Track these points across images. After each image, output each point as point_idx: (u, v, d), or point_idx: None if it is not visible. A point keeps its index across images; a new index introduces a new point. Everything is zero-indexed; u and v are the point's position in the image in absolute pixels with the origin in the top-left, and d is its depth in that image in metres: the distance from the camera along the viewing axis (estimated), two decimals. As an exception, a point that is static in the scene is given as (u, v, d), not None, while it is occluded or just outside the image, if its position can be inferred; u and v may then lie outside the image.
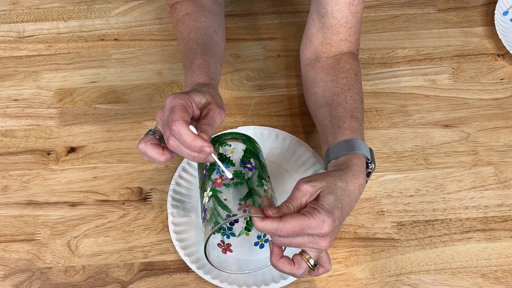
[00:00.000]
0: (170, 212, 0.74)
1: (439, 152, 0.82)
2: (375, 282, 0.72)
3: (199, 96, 0.61)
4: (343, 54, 0.75)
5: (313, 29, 0.76)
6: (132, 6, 0.97)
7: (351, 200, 0.61)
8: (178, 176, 0.77)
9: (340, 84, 0.72)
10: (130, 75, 0.89)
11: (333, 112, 0.71)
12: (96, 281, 0.72)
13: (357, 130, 0.68)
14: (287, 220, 0.55)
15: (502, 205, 0.77)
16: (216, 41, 0.75)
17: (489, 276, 0.72)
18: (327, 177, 0.60)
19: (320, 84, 0.75)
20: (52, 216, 0.77)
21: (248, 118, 0.85)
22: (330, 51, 0.76)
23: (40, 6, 0.97)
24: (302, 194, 0.58)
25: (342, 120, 0.69)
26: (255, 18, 0.95)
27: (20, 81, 0.89)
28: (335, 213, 0.57)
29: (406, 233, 0.75)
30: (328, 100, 0.72)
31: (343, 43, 0.75)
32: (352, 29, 0.74)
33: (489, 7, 0.96)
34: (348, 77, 0.73)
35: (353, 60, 0.75)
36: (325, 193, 0.58)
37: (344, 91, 0.72)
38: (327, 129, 0.70)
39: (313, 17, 0.76)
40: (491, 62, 0.90)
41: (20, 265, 0.73)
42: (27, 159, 0.81)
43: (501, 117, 0.85)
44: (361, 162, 0.64)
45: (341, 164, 0.64)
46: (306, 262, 0.59)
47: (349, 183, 0.61)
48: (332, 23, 0.74)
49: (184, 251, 0.71)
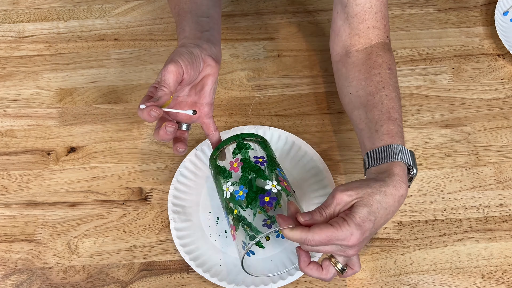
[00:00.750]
0: (171, 217, 0.74)
1: (439, 152, 0.82)
2: (375, 282, 0.72)
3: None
4: (374, 46, 0.72)
5: (339, 21, 0.73)
6: (132, 6, 0.97)
7: (387, 213, 0.60)
8: (176, 181, 0.77)
9: (374, 82, 0.69)
10: (130, 75, 0.89)
11: (369, 114, 0.68)
12: (96, 281, 0.72)
13: (396, 134, 0.65)
14: (315, 231, 0.56)
15: (502, 205, 0.77)
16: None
17: (489, 276, 0.72)
18: (365, 188, 0.59)
19: (353, 83, 0.72)
20: (52, 216, 0.77)
21: (248, 118, 0.85)
22: (359, 43, 0.73)
23: (40, 6, 0.97)
24: (337, 203, 0.58)
25: (379, 124, 0.66)
26: (255, 18, 0.95)
27: (20, 81, 0.89)
28: (365, 226, 0.57)
29: (406, 233, 0.75)
30: (363, 100, 0.70)
31: (371, 31, 0.72)
32: (378, 14, 0.71)
33: (489, 7, 0.96)
34: (382, 72, 0.70)
35: (384, 52, 0.72)
36: (359, 205, 0.57)
37: (378, 90, 0.69)
38: (364, 133, 0.68)
39: (337, 9, 0.73)
40: (491, 62, 0.90)
41: (20, 265, 0.73)
42: (27, 159, 0.81)
43: (501, 117, 0.85)
44: (403, 171, 0.62)
45: (382, 172, 0.62)
46: (334, 267, 0.60)
47: (388, 196, 0.59)
48: (356, 11, 0.71)
49: (189, 256, 0.71)
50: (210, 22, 0.72)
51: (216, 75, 0.67)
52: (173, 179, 0.77)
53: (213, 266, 0.71)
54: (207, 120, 0.69)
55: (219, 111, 0.85)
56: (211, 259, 0.72)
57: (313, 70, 0.89)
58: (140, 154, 0.82)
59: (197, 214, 0.76)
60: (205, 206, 0.76)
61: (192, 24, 0.71)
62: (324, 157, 0.80)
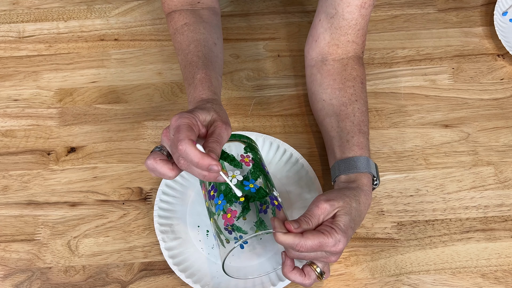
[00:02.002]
0: (160, 238, 0.72)
1: (439, 152, 0.82)
2: (375, 282, 0.72)
3: (204, 113, 0.60)
4: (350, 58, 0.76)
5: (320, 29, 0.76)
6: (132, 6, 0.97)
7: (360, 220, 0.66)
8: (159, 200, 0.75)
9: (348, 94, 0.74)
10: (130, 75, 0.89)
11: (341, 124, 0.73)
12: (96, 281, 0.72)
13: (365, 146, 0.71)
14: (308, 237, 0.59)
15: (502, 205, 0.77)
16: (216, 54, 0.74)
17: (489, 276, 0.72)
18: (343, 197, 0.63)
19: (328, 91, 0.75)
20: (52, 216, 0.77)
21: (248, 118, 0.85)
22: (336, 53, 0.76)
23: (40, 6, 0.97)
24: (321, 212, 0.62)
25: (350, 135, 0.71)
26: (255, 18, 0.95)
27: (20, 81, 0.89)
28: (349, 233, 0.61)
29: (406, 233, 0.75)
30: (336, 109, 0.74)
31: (350, 44, 0.75)
32: (360, 31, 0.75)
33: (489, 7, 0.96)
34: (355, 86, 0.75)
35: (359, 66, 0.76)
36: (341, 213, 0.62)
37: (351, 102, 0.73)
38: (334, 141, 0.73)
39: (321, 17, 0.76)
40: (491, 62, 0.90)
41: (20, 265, 0.73)
42: (27, 159, 0.81)
43: (501, 117, 0.85)
44: (369, 181, 0.68)
45: (351, 181, 0.68)
46: (314, 272, 0.63)
47: (361, 204, 0.65)
48: (341, 24, 0.74)
49: (185, 274, 0.70)
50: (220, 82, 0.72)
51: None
52: (156, 199, 0.75)
53: (211, 280, 0.70)
54: None
55: (219, 111, 0.85)
56: (207, 273, 0.71)
57: (313, 70, 0.89)
58: (140, 154, 0.82)
59: (185, 231, 0.74)
60: (193, 221, 0.75)
61: (215, 81, 0.69)
62: (323, 158, 0.80)
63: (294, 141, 0.82)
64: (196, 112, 0.59)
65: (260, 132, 0.83)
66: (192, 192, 0.77)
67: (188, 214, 0.75)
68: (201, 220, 0.75)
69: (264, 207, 0.64)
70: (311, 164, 0.79)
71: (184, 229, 0.74)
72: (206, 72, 0.69)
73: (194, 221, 0.75)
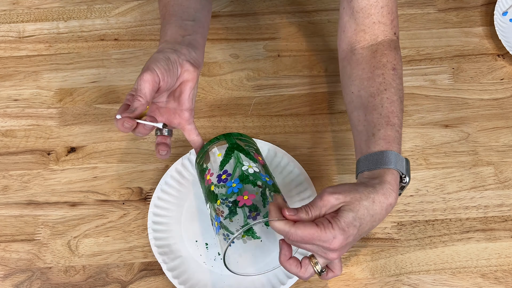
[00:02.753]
0: (161, 260, 0.71)
1: (439, 152, 0.82)
2: (375, 282, 0.72)
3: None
4: (379, 43, 0.70)
5: (345, 17, 0.72)
6: (132, 6, 0.97)
7: (373, 220, 0.59)
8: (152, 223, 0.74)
9: (376, 83, 0.68)
10: (130, 75, 0.89)
11: (368, 116, 0.67)
12: (96, 281, 0.72)
13: (393, 140, 0.64)
14: (299, 227, 0.55)
15: (502, 205, 0.77)
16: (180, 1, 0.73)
17: (489, 276, 0.72)
18: (353, 192, 0.58)
19: (356, 82, 0.70)
20: (52, 216, 0.77)
21: (248, 118, 0.85)
22: (365, 40, 0.71)
23: (40, 6, 0.97)
24: (323, 204, 0.57)
25: (377, 128, 0.65)
26: (255, 18, 0.95)
27: (20, 81, 0.89)
28: (349, 231, 0.56)
29: (406, 233, 0.75)
30: (364, 101, 0.68)
31: (377, 26, 0.70)
32: (384, 9, 0.69)
33: (489, 7, 0.96)
34: (385, 73, 0.68)
35: (390, 51, 0.70)
36: (345, 209, 0.57)
37: (380, 91, 0.67)
38: (361, 135, 0.67)
39: (343, 4, 0.71)
40: (491, 62, 0.90)
41: (20, 265, 0.73)
42: (27, 159, 0.81)
43: (501, 117, 0.85)
44: (395, 179, 0.61)
45: (374, 177, 0.61)
46: (313, 267, 0.59)
47: (376, 203, 0.58)
48: (361, 5, 0.69)
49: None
50: (195, 25, 0.71)
51: (195, 80, 0.66)
52: (148, 221, 0.74)
53: None
54: (188, 126, 0.68)
55: (219, 111, 0.85)
56: (215, 286, 0.70)
57: (313, 70, 0.89)
58: (140, 154, 0.82)
59: (185, 249, 0.73)
60: (189, 236, 0.74)
61: (174, 28, 0.70)
62: (323, 157, 0.80)
63: (294, 141, 0.82)
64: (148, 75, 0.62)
65: (260, 132, 0.83)
66: (182, 209, 0.76)
67: (183, 231, 0.75)
68: (198, 235, 0.74)
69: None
70: (311, 164, 0.79)
71: (183, 247, 0.73)
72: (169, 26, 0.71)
73: (190, 236, 0.74)
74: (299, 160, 0.80)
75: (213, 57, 0.90)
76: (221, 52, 0.91)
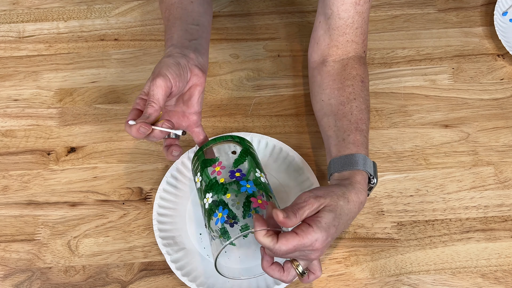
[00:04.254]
0: (165, 252, 0.71)
1: (439, 152, 0.82)
2: (375, 282, 0.72)
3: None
4: (350, 58, 0.75)
5: (320, 31, 0.76)
6: (132, 6, 0.97)
7: (348, 218, 0.63)
8: (157, 214, 0.74)
9: (346, 92, 0.73)
10: (130, 75, 0.89)
11: (338, 123, 0.71)
12: (96, 281, 0.72)
13: (361, 144, 0.69)
14: (282, 242, 0.57)
15: (502, 205, 0.77)
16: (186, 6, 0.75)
17: (489, 276, 0.72)
18: (331, 194, 0.61)
19: (326, 91, 0.75)
20: (52, 216, 0.77)
21: (248, 118, 0.85)
22: (337, 54, 0.76)
23: (40, 6, 0.97)
24: (308, 207, 0.60)
25: (346, 133, 0.70)
26: (255, 18, 0.95)
27: (20, 81, 0.89)
28: (330, 231, 0.59)
29: (406, 233, 0.75)
30: (334, 109, 0.73)
31: (350, 44, 0.75)
32: (358, 30, 0.74)
33: (489, 7, 0.96)
34: (355, 84, 0.74)
35: (359, 65, 0.75)
36: (325, 210, 0.60)
37: (350, 100, 0.72)
38: (331, 140, 0.71)
39: (320, 18, 0.76)
40: (491, 62, 0.90)
41: (20, 265, 0.73)
42: (27, 159, 0.81)
43: (501, 117, 0.85)
44: (364, 179, 0.66)
45: (344, 179, 0.66)
46: (295, 269, 0.62)
47: (350, 202, 0.62)
48: (338, 24, 0.74)
49: (195, 283, 0.69)
50: (199, 30, 0.73)
51: (203, 85, 0.67)
52: (153, 212, 0.74)
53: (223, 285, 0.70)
54: (197, 129, 0.70)
55: (219, 111, 0.85)
56: (218, 280, 0.70)
57: (313, 70, 0.89)
58: (140, 154, 0.82)
59: (188, 240, 0.74)
60: (193, 229, 0.75)
61: (180, 32, 0.71)
62: (323, 158, 0.80)
63: (294, 141, 0.82)
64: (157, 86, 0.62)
65: (260, 132, 0.83)
66: (187, 202, 0.76)
67: (188, 224, 0.75)
68: (202, 228, 0.75)
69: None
70: (311, 164, 0.79)
71: (187, 239, 0.74)
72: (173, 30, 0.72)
73: (195, 230, 0.75)
74: (299, 160, 0.80)
75: (213, 57, 0.90)
76: (221, 52, 0.91)
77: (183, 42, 0.70)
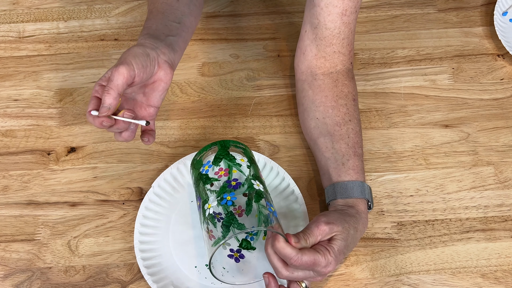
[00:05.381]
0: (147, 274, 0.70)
1: (439, 152, 0.82)
2: (375, 282, 0.72)
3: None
4: (339, 72, 0.76)
5: (306, 40, 0.76)
6: (132, 6, 0.97)
7: (353, 247, 0.68)
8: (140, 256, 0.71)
9: (341, 113, 0.74)
10: (130, 75, 0.89)
11: (336, 145, 0.73)
12: (96, 281, 0.72)
13: (360, 170, 0.72)
14: (305, 252, 0.60)
15: (502, 205, 0.77)
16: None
17: (489, 276, 0.72)
18: (343, 223, 0.65)
19: (320, 108, 0.75)
20: (52, 216, 0.77)
21: (248, 118, 0.85)
22: (325, 67, 0.76)
23: (40, 6, 0.97)
24: (319, 233, 0.63)
25: (345, 157, 0.72)
26: (255, 18, 0.95)
27: (20, 81, 0.89)
28: (340, 258, 0.63)
29: (406, 233, 0.75)
30: (330, 129, 0.74)
31: (337, 56, 0.75)
32: (345, 40, 0.74)
33: (489, 7, 0.96)
34: (348, 104, 0.75)
35: (349, 81, 0.76)
36: (338, 238, 0.63)
37: (345, 122, 0.74)
38: (329, 162, 0.73)
39: (306, 27, 0.76)
40: (491, 62, 0.90)
41: (20, 265, 0.73)
42: (27, 159, 0.81)
43: (501, 117, 0.85)
44: (365, 207, 0.71)
45: (349, 206, 0.69)
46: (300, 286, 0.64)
47: (358, 232, 0.67)
48: (325, 34, 0.74)
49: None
50: (179, 28, 0.71)
51: (169, 82, 0.66)
52: (137, 258, 0.71)
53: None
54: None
55: (219, 111, 0.85)
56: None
57: (313, 70, 0.89)
58: (140, 154, 0.82)
59: (186, 277, 0.71)
60: (187, 264, 0.72)
61: (160, 25, 0.70)
62: (324, 157, 0.80)
63: (294, 142, 0.82)
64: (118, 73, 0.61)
65: (260, 132, 0.83)
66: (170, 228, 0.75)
67: (176, 259, 0.72)
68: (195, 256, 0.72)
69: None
70: (311, 165, 0.79)
71: (184, 277, 0.71)
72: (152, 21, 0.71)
73: (188, 263, 0.72)
74: (298, 160, 0.80)
75: (213, 57, 0.90)
76: (221, 52, 0.91)
77: (159, 35, 0.68)
